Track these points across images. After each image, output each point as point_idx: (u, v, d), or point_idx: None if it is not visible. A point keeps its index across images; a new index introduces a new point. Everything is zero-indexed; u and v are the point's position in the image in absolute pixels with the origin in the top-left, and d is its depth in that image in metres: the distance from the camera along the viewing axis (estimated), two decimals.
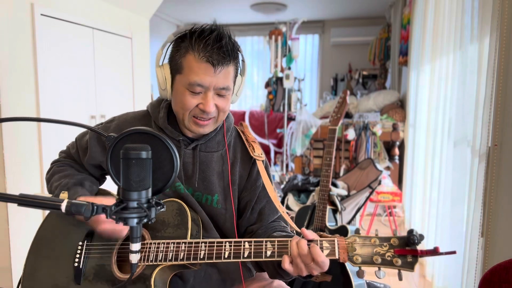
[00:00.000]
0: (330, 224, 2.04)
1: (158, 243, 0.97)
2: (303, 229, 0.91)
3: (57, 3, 2.47)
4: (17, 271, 2.19)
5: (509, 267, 1.00)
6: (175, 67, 1.01)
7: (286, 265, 0.88)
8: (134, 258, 0.72)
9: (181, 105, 1.02)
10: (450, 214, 2.13)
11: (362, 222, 3.76)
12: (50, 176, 1.16)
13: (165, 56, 1.04)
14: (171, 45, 1.03)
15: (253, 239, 0.92)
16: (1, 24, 2.08)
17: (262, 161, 1.13)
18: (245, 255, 0.91)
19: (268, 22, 6.27)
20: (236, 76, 1.06)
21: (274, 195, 1.08)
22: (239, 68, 1.07)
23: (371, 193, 2.55)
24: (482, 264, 1.51)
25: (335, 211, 2.16)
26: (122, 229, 0.97)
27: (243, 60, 1.08)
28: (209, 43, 0.95)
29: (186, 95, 0.99)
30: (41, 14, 2.32)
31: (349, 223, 2.45)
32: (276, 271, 1.00)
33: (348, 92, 2.17)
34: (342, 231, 1.98)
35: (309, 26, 6.39)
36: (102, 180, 1.23)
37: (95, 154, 1.13)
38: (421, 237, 0.82)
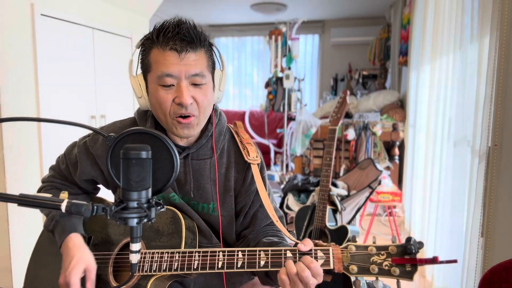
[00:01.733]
0: (330, 224, 2.04)
1: (153, 253, 0.96)
2: (299, 245, 0.88)
3: (57, 3, 2.47)
4: (17, 271, 2.19)
5: (509, 267, 1.00)
6: (144, 68, 0.98)
7: (283, 275, 0.85)
8: (134, 258, 0.72)
9: (158, 106, 0.96)
10: (450, 214, 2.13)
11: (362, 222, 3.76)
12: None
13: (137, 65, 1.00)
14: (140, 52, 1.00)
15: (246, 249, 0.91)
16: (1, 24, 2.08)
17: (258, 164, 1.09)
18: (239, 265, 0.89)
19: (268, 22, 6.27)
20: (212, 67, 1.01)
21: (268, 201, 1.05)
22: (215, 61, 1.03)
23: (371, 193, 2.54)
24: (482, 264, 1.51)
25: (335, 211, 2.16)
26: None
27: (220, 55, 1.04)
28: (168, 31, 0.92)
29: (159, 91, 0.94)
30: (41, 14, 2.33)
31: (349, 223, 2.45)
32: (265, 278, 1.00)
33: (348, 92, 2.17)
34: (342, 231, 1.98)
35: (309, 26, 6.39)
36: (95, 192, 1.20)
37: (86, 168, 1.09)
38: (420, 244, 0.79)
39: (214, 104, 1.07)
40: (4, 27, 2.10)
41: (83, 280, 0.94)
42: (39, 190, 1.15)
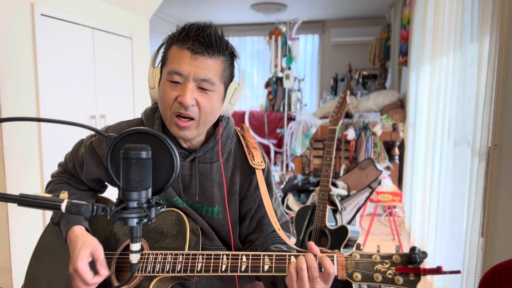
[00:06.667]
0: (330, 224, 2.04)
1: (156, 254, 0.96)
2: (310, 242, 0.88)
3: (57, 3, 2.47)
4: (17, 271, 2.19)
5: (509, 267, 1.00)
6: (162, 61, 1.00)
7: (292, 268, 0.85)
8: (134, 258, 0.72)
9: (162, 100, 0.98)
10: (450, 215, 2.13)
11: (362, 222, 3.76)
12: (47, 193, 1.15)
13: (161, 59, 1.02)
14: (164, 46, 1.01)
15: (250, 253, 0.91)
16: (1, 24, 2.08)
17: (263, 169, 1.09)
18: (242, 269, 0.89)
19: (268, 22, 6.27)
20: (228, 78, 1.01)
21: (271, 208, 1.05)
22: (234, 72, 1.03)
23: (371, 193, 2.54)
24: (482, 264, 1.51)
25: (335, 211, 2.16)
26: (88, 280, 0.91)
27: (242, 70, 1.04)
28: (191, 31, 0.94)
29: (166, 87, 0.96)
30: (41, 14, 2.32)
31: (349, 223, 2.45)
32: (269, 286, 1.00)
33: (348, 92, 2.17)
34: (342, 231, 1.98)
35: (309, 26, 6.39)
36: (102, 190, 1.21)
37: (91, 168, 1.09)
38: (424, 254, 0.80)
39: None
40: (4, 27, 2.10)
41: (92, 264, 0.95)
42: (48, 185, 1.16)
